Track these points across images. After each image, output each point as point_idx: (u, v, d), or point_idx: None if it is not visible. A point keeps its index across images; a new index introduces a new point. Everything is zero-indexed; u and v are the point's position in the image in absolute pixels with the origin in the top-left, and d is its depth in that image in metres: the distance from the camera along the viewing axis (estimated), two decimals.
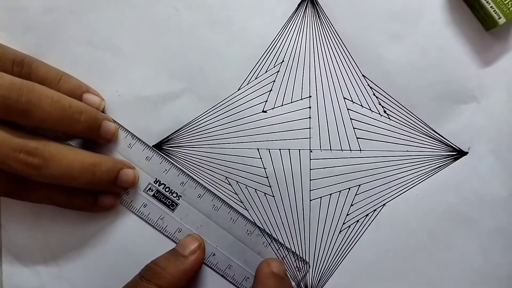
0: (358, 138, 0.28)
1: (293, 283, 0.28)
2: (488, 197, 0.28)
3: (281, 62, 0.28)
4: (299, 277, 0.28)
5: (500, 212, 0.28)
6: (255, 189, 0.28)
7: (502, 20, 0.26)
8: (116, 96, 0.28)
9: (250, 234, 0.28)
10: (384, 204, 0.28)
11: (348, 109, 0.28)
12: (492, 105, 0.28)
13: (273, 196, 0.28)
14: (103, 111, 0.27)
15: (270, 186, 0.28)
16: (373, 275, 0.28)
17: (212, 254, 0.28)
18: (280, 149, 0.28)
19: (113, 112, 0.28)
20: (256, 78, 0.28)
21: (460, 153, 0.28)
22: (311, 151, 0.28)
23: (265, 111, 0.28)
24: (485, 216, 0.28)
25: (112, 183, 0.26)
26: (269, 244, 0.28)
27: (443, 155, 0.28)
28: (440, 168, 0.28)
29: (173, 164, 0.28)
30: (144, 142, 0.28)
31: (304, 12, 0.28)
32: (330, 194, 0.28)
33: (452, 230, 0.28)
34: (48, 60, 0.27)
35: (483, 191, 0.28)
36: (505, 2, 0.26)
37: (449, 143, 0.28)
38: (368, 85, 0.28)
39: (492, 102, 0.28)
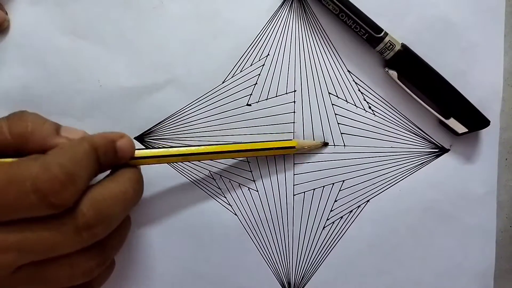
0: (343, 133, 0.28)
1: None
2: (467, 194, 0.28)
3: (267, 56, 0.28)
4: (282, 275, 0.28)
5: (478, 209, 0.28)
6: (239, 183, 0.28)
7: None
8: (97, 86, 0.27)
9: None
10: (368, 201, 0.28)
11: (332, 104, 0.28)
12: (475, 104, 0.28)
13: (257, 191, 0.28)
14: None
15: (253, 181, 0.28)
16: (356, 272, 0.28)
17: None
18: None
19: (94, 103, 0.27)
20: (241, 71, 0.28)
21: (442, 150, 0.28)
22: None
23: (250, 105, 0.28)
24: (464, 213, 0.28)
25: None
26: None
27: (425, 151, 0.28)
28: (422, 164, 0.28)
29: None
30: None
31: (290, 6, 0.28)
32: (314, 189, 0.28)
33: (433, 227, 0.28)
34: (31, 49, 0.27)
35: (462, 188, 0.28)
36: None
37: (432, 140, 0.28)
38: (354, 80, 0.28)
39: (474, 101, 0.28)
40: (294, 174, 0.28)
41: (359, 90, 0.28)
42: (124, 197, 0.21)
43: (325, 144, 0.28)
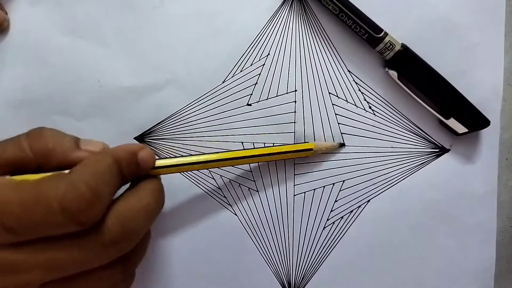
0: (343, 133, 0.28)
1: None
2: (467, 194, 0.28)
3: (267, 56, 0.28)
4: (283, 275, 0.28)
5: (478, 209, 0.28)
6: (239, 184, 0.28)
7: None
8: (97, 86, 0.27)
9: None
10: (369, 201, 0.28)
11: (333, 104, 0.28)
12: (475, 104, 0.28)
13: (257, 191, 0.28)
14: None
15: (254, 181, 0.28)
16: (356, 272, 0.28)
17: None
18: (264, 143, 0.28)
19: (94, 103, 0.27)
20: (241, 71, 0.28)
21: (442, 150, 0.28)
22: None
23: (250, 104, 0.28)
24: (464, 213, 0.28)
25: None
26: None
27: (426, 151, 0.28)
28: (423, 164, 0.28)
29: None
30: None
31: (290, 6, 0.28)
32: (314, 190, 0.28)
33: (433, 227, 0.28)
34: (31, 49, 0.27)
35: (463, 188, 0.28)
36: None
37: (432, 140, 0.28)
38: (354, 80, 0.28)
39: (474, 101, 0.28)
40: (294, 174, 0.28)
41: (359, 90, 0.28)
42: (147, 210, 0.21)
43: (342, 145, 0.28)
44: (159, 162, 0.23)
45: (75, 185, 0.19)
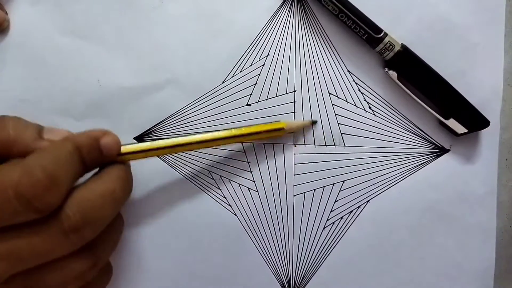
0: (343, 133, 0.28)
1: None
2: (467, 194, 0.28)
3: (267, 56, 0.28)
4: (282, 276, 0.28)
5: (477, 209, 0.28)
6: (239, 184, 0.28)
7: None
8: (97, 86, 0.27)
9: None
10: (368, 201, 0.28)
11: (333, 104, 0.28)
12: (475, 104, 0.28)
13: (257, 191, 0.28)
14: None
15: (253, 181, 0.28)
16: (356, 272, 0.28)
17: None
18: (264, 143, 0.28)
19: (94, 103, 0.27)
20: (241, 71, 0.28)
21: (442, 151, 0.28)
22: (295, 146, 0.28)
23: (250, 105, 0.28)
24: (464, 213, 0.28)
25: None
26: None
27: (425, 152, 0.28)
28: (422, 165, 0.28)
29: None
30: None
31: (290, 6, 0.28)
32: (314, 190, 0.28)
33: (432, 227, 0.28)
34: (31, 49, 0.27)
35: (463, 188, 0.28)
36: None
37: (432, 140, 0.28)
38: (354, 80, 0.28)
39: (474, 101, 0.28)
40: (294, 175, 0.28)
41: (359, 90, 0.28)
42: (111, 196, 0.21)
43: (314, 122, 0.28)
44: (125, 148, 0.23)
45: (30, 171, 0.18)
